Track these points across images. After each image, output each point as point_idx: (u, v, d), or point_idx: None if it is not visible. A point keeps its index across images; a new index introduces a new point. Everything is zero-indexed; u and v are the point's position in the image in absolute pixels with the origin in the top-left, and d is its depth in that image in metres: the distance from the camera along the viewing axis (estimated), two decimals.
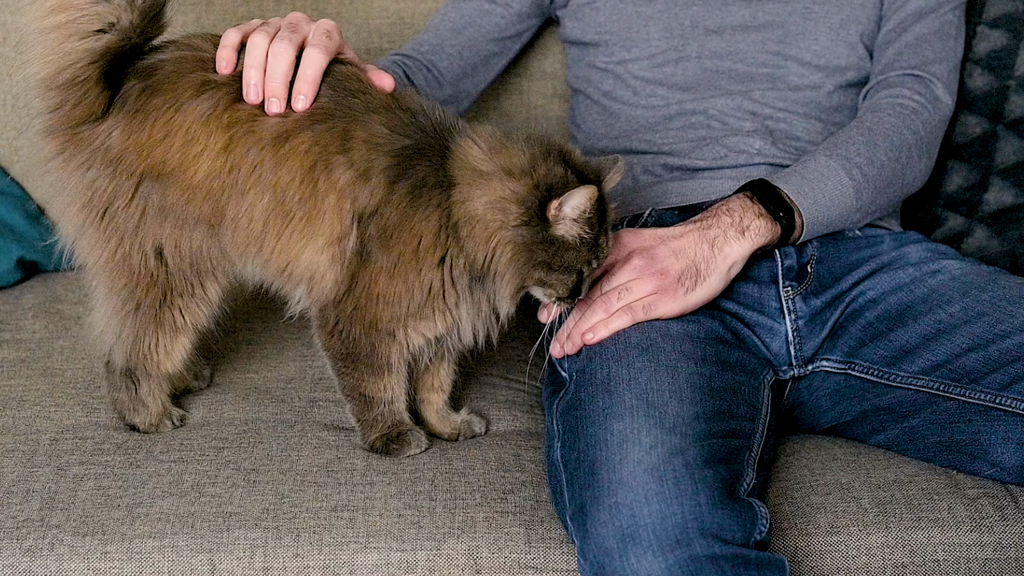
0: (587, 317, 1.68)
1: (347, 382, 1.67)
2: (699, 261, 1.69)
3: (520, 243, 1.54)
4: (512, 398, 1.87)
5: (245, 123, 1.56)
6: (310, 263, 1.59)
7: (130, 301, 1.65)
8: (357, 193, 1.56)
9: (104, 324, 1.69)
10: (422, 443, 1.69)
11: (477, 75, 2.10)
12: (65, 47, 1.53)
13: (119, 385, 1.71)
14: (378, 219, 1.56)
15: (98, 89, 1.56)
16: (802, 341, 1.77)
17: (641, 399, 1.52)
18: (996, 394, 1.60)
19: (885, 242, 1.86)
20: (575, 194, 1.51)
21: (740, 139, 1.93)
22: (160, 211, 1.60)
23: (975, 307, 1.70)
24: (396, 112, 1.59)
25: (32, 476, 1.63)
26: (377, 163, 1.55)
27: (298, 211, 1.57)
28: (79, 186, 1.60)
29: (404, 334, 1.63)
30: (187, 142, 1.56)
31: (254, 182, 1.57)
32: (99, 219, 1.61)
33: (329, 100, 1.58)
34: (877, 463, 1.68)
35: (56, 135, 1.59)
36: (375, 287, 1.59)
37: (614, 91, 2.04)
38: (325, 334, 1.65)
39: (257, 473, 1.63)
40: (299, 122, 1.56)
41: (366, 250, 1.58)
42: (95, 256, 1.64)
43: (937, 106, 1.94)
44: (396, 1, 2.30)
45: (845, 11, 2.00)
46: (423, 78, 2.01)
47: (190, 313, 1.67)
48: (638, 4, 2.03)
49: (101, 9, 1.53)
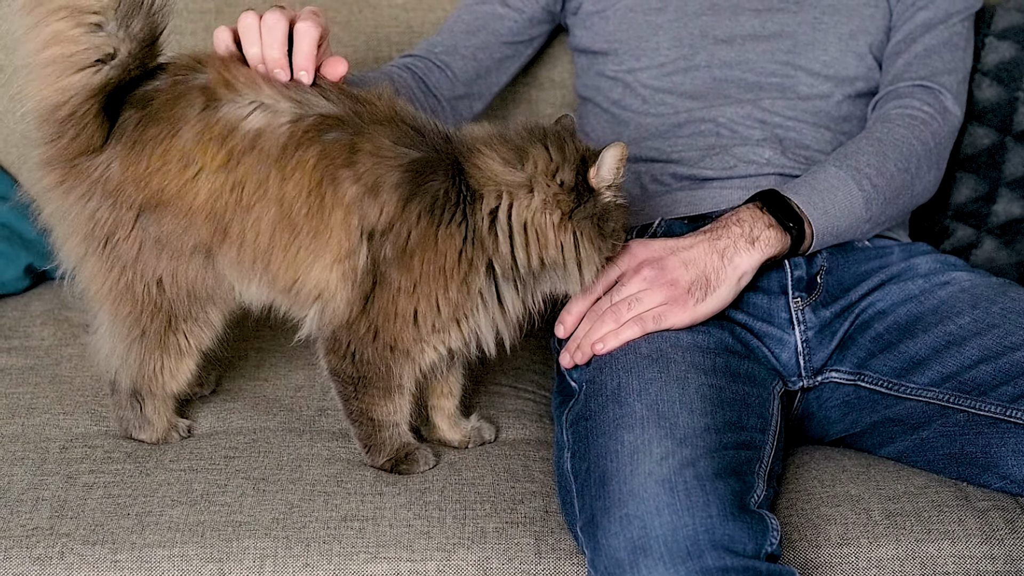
0: (597, 327, 1.68)
1: (356, 406, 1.65)
2: (709, 272, 1.69)
3: (586, 224, 1.57)
4: (521, 407, 1.87)
5: (247, 138, 1.54)
6: (319, 281, 1.58)
7: (135, 328, 1.64)
8: (366, 209, 1.54)
9: (109, 348, 1.69)
10: (430, 460, 1.69)
11: (491, 77, 2.11)
12: (62, 82, 1.50)
13: (124, 404, 1.71)
14: (394, 238, 1.55)
15: (97, 122, 1.54)
16: (811, 352, 1.77)
17: (651, 410, 1.52)
18: (1006, 406, 1.60)
19: (894, 253, 1.86)
20: (607, 156, 1.57)
21: (749, 148, 1.93)
22: (156, 243, 1.58)
23: (985, 319, 1.70)
24: (399, 124, 1.57)
25: (42, 484, 1.62)
26: (386, 178, 1.54)
27: (305, 226, 1.55)
28: (80, 217, 1.59)
29: (421, 352, 1.62)
30: (183, 166, 1.55)
31: (259, 196, 1.55)
32: (101, 249, 1.60)
33: (337, 108, 1.56)
34: (887, 475, 1.68)
35: (55, 166, 1.57)
36: (394, 307, 1.58)
37: (623, 100, 2.04)
38: (337, 358, 1.63)
39: (266, 482, 1.63)
40: (307, 134, 1.54)
41: (380, 270, 1.57)
42: (97, 284, 1.63)
43: (946, 117, 1.94)
44: (406, 10, 2.31)
45: (855, 22, 2.00)
46: (437, 77, 2.01)
47: (194, 337, 1.67)
48: (648, 13, 2.04)
49: (99, 41, 1.50)
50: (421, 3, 2.32)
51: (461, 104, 2.05)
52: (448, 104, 2.01)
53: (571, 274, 1.60)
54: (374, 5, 2.31)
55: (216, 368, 1.86)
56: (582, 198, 1.57)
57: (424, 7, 2.31)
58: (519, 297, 1.62)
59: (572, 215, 1.57)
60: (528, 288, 1.62)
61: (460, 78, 2.04)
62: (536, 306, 1.64)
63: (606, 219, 1.59)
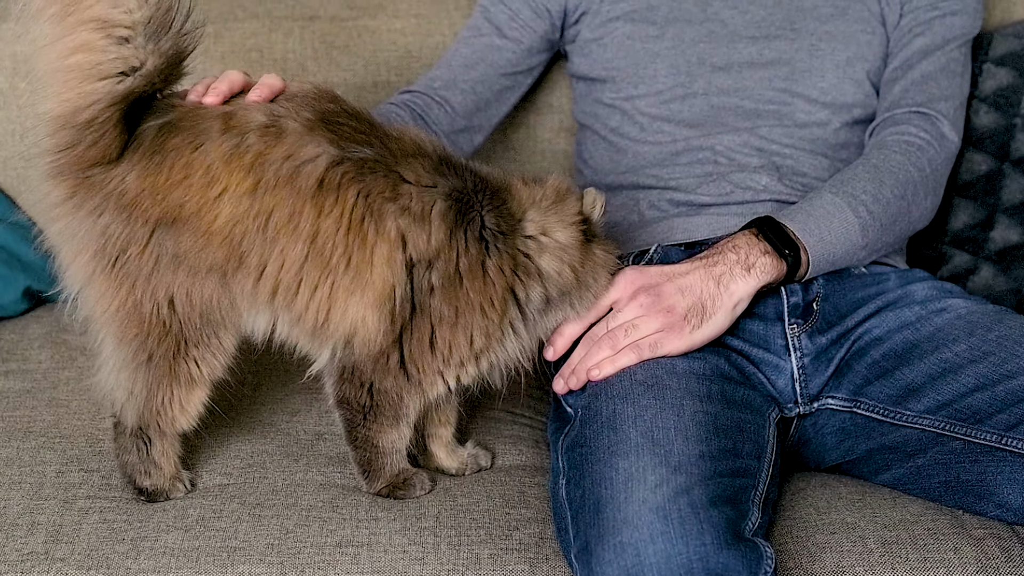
0: (593, 353, 1.68)
1: (362, 434, 1.65)
2: (705, 298, 1.69)
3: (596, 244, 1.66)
4: (518, 433, 1.87)
5: (278, 167, 1.52)
6: (355, 317, 1.56)
7: (141, 352, 1.59)
8: (414, 239, 1.54)
9: (114, 380, 1.62)
10: (426, 485, 1.69)
11: (491, 109, 2.12)
12: (86, 87, 1.47)
13: (129, 447, 1.64)
14: (443, 266, 1.56)
15: (116, 131, 1.50)
16: (808, 379, 1.77)
17: (646, 437, 1.52)
18: (1002, 434, 1.60)
19: (891, 280, 1.86)
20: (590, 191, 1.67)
21: (747, 175, 1.93)
22: (174, 259, 1.54)
23: (981, 346, 1.70)
24: (429, 156, 1.59)
25: (38, 508, 1.62)
26: (432, 206, 1.55)
27: (342, 263, 1.54)
28: (91, 234, 1.54)
29: (431, 384, 1.63)
30: (207, 183, 1.51)
31: (288, 231, 1.53)
32: (110, 268, 1.55)
33: (372, 151, 1.56)
34: (883, 502, 1.68)
35: (66, 177, 1.53)
36: (433, 337, 1.58)
37: (621, 127, 2.05)
38: (353, 387, 1.62)
39: (262, 508, 1.63)
40: (347, 173, 1.53)
41: (419, 300, 1.57)
42: (104, 305, 1.57)
43: (943, 143, 1.95)
44: (404, 35, 2.32)
45: (852, 49, 2.01)
46: (436, 113, 2.02)
47: (206, 364, 1.61)
48: (645, 41, 2.04)
49: (127, 52, 1.47)
50: (419, 28, 2.32)
51: (461, 138, 2.06)
52: (448, 139, 2.02)
53: (587, 294, 1.66)
54: (372, 30, 2.32)
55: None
56: (587, 222, 1.63)
57: (422, 32, 2.32)
58: (535, 333, 1.65)
59: (585, 234, 1.63)
60: (541, 323, 1.66)
61: (459, 112, 2.05)
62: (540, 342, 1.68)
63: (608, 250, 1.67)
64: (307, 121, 1.55)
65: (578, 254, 1.63)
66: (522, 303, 1.61)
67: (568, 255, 1.62)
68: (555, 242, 1.62)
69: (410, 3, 2.35)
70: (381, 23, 2.33)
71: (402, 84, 2.30)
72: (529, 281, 1.61)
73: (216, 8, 2.33)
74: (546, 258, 1.61)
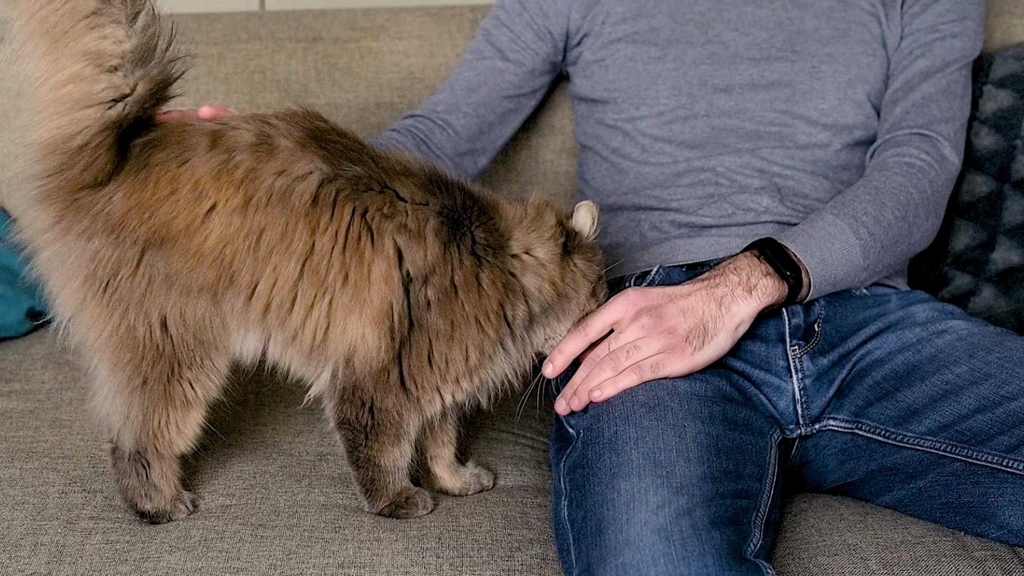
0: (595, 375, 1.69)
1: (364, 453, 1.65)
2: (707, 320, 1.70)
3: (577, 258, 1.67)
4: (519, 454, 1.87)
5: (270, 183, 1.52)
6: (355, 335, 1.57)
7: (136, 376, 1.58)
8: (411, 255, 1.55)
9: (110, 405, 1.61)
10: (428, 504, 1.69)
11: (494, 131, 2.13)
12: (76, 114, 1.47)
13: (128, 471, 1.63)
14: (438, 281, 1.57)
15: (109, 155, 1.50)
16: (809, 400, 1.77)
17: (648, 458, 1.52)
18: (1003, 456, 1.60)
19: (892, 301, 1.87)
20: (581, 207, 1.69)
21: (748, 197, 1.94)
22: (166, 279, 1.53)
23: (982, 368, 1.70)
24: (416, 175, 1.59)
25: (40, 529, 1.62)
26: (427, 222, 1.56)
27: (339, 281, 1.54)
28: (80, 259, 1.53)
29: (430, 401, 1.63)
30: (195, 198, 1.51)
31: (281, 248, 1.53)
32: (101, 293, 1.54)
33: (364, 168, 1.56)
34: (884, 524, 1.68)
35: (53, 202, 1.52)
36: (430, 352, 1.59)
37: (623, 148, 2.05)
38: (354, 408, 1.62)
39: (264, 528, 1.63)
40: (341, 190, 1.54)
41: (417, 316, 1.58)
42: (96, 331, 1.56)
43: (944, 165, 1.95)
44: (406, 56, 2.33)
45: (852, 70, 2.02)
46: (439, 137, 2.03)
47: (201, 385, 1.60)
48: (647, 62, 2.05)
49: (117, 80, 1.47)
50: (422, 49, 2.34)
51: (465, 160, 2.07)
52: (452, 162, 2.03)
53: (570, 307, 1.67)
54: (375, 51, 2.33)
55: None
56: (569, 236, 1.66)
57: (425, 53, 2.33)
58: (524, 349, 1.66)
59: (565, 247, 1.65)
60: (528, 340, 1.66)
61: (463, 135, 2.06)
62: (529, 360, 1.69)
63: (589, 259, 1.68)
64: (298, 138, 1.55)
65: (557, 268, 1.64)
66: (509, 320, 1.62)
67: (547, 271, 1.63)
68: (535, 260, 1.63)
69: (412, 24, 2.36)
70: (384, 44, 2.34)
71: (405, 105, 2.31)
72: (515, 298, 1.62)
73: (219, 29, 2.34)
74: (528, 276, 1.62)
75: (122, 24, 1.46)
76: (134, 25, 1.47)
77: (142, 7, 1.48)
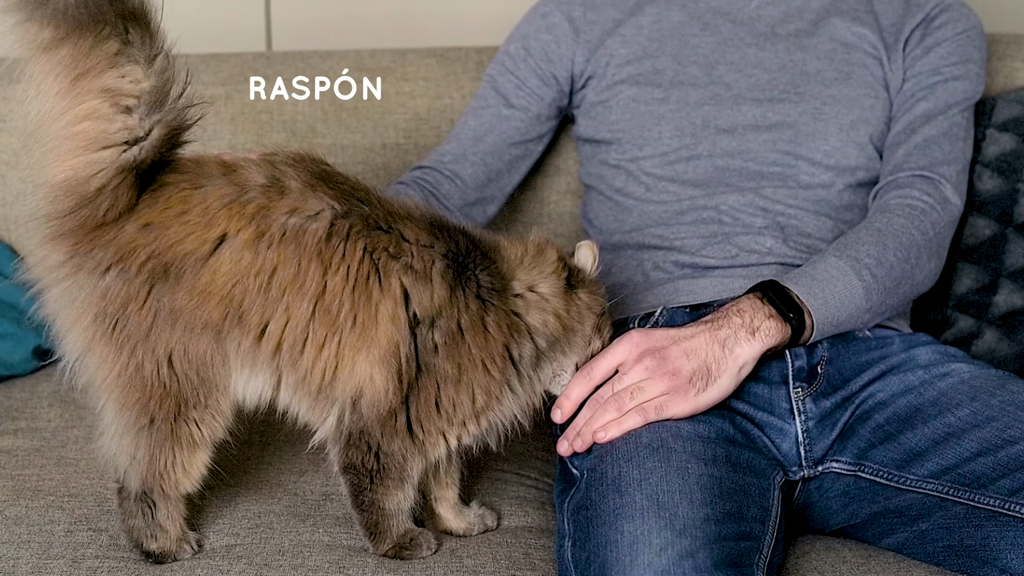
0: (598, 416, 1.69)
1: (368, 497, 1.65)
2: (710, 362, 1.70)
3: (581, 292, 1.69)
4: (524, 494, 1.87)
5: (283, 221, 1.53)
6: (363, 375, 1.57)
7: (143, 416, 1.58)
8: (418, 296, 1.56)
9: (116, 445, 1.61)
10: (432, 545, 1.69)
11: (502, 179, 2.14)
12: (92, 156, 1.48)
13: (134, 511, 1.63)
14: (445, 324, 1.58)
15: (130, 194, 1.51)
16: (812, 442, 1.78)
17: (652, 500, 1.53)
18: (1005, 499, 1.60)
19: (895, 344, 1.87)
20: (582, 246, 1.72)
21: (751, 237, 1.95)
22: (171, 314, 1.53)
23: (984, 411, 1.71)
24: (417, 219, 1.61)
25: (46, 568, 1.62)
26: (433, 266, 1.57)
27: (348, 320, 1.55)
28: (91, 296, 1.53)
29: (434, 444, 1.63)
30: (206, 223, 1.52)
31: (294, 288, 1.53)
32: (110, 331, 1.54)
33: (369, 208, 1.58)
34: (887, 566, 1.68)
35: (66, 239, 1.52)
36: (438, 397, 1.60)
37: (626, 187, 2.07)
38: (360, 452, 1.63)
39: (269, 568, 1.63)
40: (353, 227, 1.55)
41: (424, 359, 1.58)
42: (105, 371, 1.56)
43: (946, 207, 1.96)
44: (412, 97, 2.34)
45: (855, 112, 2.03)
46: (447, 188, 2.05)
47: (207, 426, 1.60)
48: (650, 103, 2.07)
49: (132, 122, 1.48)
50: (428, 91, 2.35)
51: (474, 210, 2.09)
52: (461, 212, 2.04)
53: (577, 341, 1.69)
54: (382, 93, 2.34)
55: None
56: (572, 271, 1.68)
57: (431, 95, 2.35)
58: (532, 388, 1.67)
59: (569, 281, 1.66)
60: (535, 378, 1.67)
61: (471, 184, 2.08)
62: (539, 399, 1.69)
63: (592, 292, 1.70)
64: (307, 180, 1.56)
65: (561, 302, 1.65)
66: (516, 361, 1.63)
67: (551, 305, 1.65)
68: (538, 296, 1.65)
69: (418, 66, 2.38)
70: (390, 86, 2.36)
71: (411, 146, 2.32)
72: (520, 339, 1.63)
73: (226, 70, 2.36)
74: (532, 313, 1.64)
75: (140, 64, 1.47)
76: (152, 66, 1.48)
77: (160, 50, 1.49)
